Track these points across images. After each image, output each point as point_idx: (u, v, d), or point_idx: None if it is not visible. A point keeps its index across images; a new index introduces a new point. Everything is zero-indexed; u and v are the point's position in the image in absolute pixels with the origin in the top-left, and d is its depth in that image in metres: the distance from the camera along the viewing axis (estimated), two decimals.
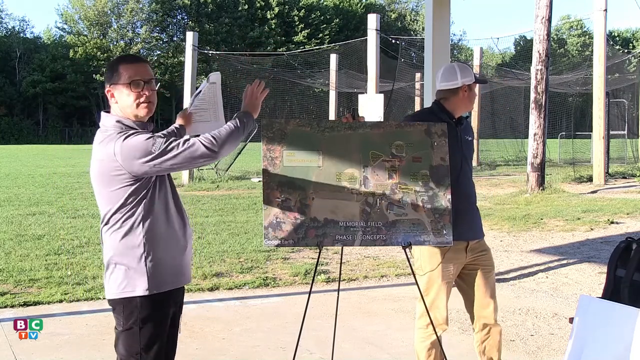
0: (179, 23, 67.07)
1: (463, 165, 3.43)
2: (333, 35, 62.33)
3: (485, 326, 3.50)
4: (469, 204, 3.44)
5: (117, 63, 2.61)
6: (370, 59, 17.27)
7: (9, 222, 10.35)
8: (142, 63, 2.63)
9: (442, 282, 3.41)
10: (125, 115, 2.58)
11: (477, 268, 3.48)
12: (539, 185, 14.54)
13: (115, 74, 2.57)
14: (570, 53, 69.68)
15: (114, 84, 2.57)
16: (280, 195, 3.15)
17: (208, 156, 2.49)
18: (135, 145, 2.45)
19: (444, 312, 3.44)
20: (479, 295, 3.48)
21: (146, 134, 2.51)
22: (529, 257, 7.98)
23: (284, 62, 28.79)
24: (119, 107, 2.59)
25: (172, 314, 2.70)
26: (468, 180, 3.48)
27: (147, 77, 2.58)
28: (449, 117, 3.43)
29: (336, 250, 6.95)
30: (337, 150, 3.25)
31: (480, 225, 3.56)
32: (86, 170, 15.17)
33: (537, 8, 14.68)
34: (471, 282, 3.49)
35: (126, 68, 2.56)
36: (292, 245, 3.26)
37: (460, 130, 3.45)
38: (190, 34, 19.88)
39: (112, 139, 2.49)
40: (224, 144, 2.51)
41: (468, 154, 3.51)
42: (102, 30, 63.26)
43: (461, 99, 3.45)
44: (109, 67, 2.63)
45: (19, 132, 57.11)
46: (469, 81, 3.43)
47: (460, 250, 3.40)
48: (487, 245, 3.58)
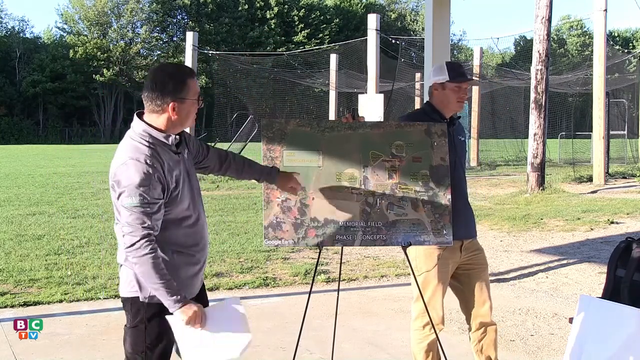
0: (179, 23, 67.11)
1: (457, 165, 3.44)
2: (333, 35, 62.33)
3: (482, 325, 3.50)
4: (462, 203, 3.45)
5: (183, 76, 2.55)
6: (370, 59, 17.28)
7: (9, 222, 10.35)
8: (195, 77, 2.62)
9: (439, 282, 3.41)
10: (164, 125, 2.54)
11: (471, 267, 3.49)
12: (539, 185, 14.54)
13: (184, 87, 2.53)
14: (570, 53, 69.69)
15: (182, 98, 2.52)
16: (281, 195, 3.15)
17: (130, 250, 2.43)
18: (128, 176, 2.42)
19: (440, 312, 3.45)
20: (474, 295, 3.48)
21: (145, 178, 2.42)
22: (529, 257, 7.97)
23: (284, 62, 28.81)
24: (169, 118, 2.53)
25: None
26: (461, 180, 3.49)
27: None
28: (440, 117, 3.43)
29: (336, 250, 6.95)
30: (337, 150, 3.25)
31: (474, 224, 3.57)
32: (86, 170, 15.20)
33: (537, 8, 14.68)
34: (466, 281, 3.50)
35: (194, 83, 2.56)
36: (292, 245, 3.26)
37: (452, 130, 3.45)
38: (190, 34, 19.89)
39: (126, 152, 2.48)
40: (141, 268, 2.43)
41: (462, 153, 3.53)
42: (102, 30, 63.26)
43: (440, 96, 3.43)
44: (170, 79, 2.52)
45: (19, 132, 57.09)
46: (441, 80, 3.41)
47: (455, 249, 3.41)
48: (480, 244, 3.59)
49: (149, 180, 2.43)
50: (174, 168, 2.54)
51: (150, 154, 2.47)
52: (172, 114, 2.52)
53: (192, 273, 2.67)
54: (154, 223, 2.45)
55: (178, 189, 2.55)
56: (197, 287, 2.73)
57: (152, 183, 2.44)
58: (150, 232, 2.44)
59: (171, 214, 2.55)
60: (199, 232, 2.66)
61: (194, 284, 2.70)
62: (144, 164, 2.43)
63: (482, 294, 3.48)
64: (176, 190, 2.54)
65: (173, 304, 2.45)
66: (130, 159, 2.45)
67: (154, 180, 2.44)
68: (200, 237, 2.67)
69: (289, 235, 3.16)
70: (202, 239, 2.68)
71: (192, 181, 2.66)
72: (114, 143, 56.61)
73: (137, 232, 2.41)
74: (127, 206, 2.42)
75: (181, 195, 2.57)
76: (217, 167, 2.98)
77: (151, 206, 2.44)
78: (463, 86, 3.42)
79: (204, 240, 2.70)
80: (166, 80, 2.52)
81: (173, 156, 2.56)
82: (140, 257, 2.41)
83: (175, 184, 2.53)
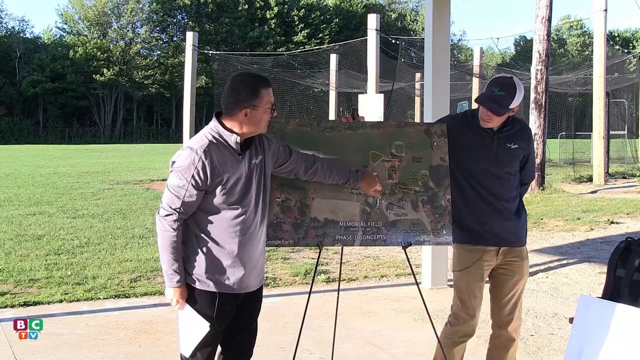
0: (179, 23, 67.11)
1: (500, 172, 3.32)
2: (333, 35, 62.31)
3: (500, 334, 3.46)
4: (504, 209, 3.34)
5: (257, 85, 2.74)
6: (370, 59, 17.28)
7: (9, 222, 10.35)
8: (271, 88, 2.80)
9: (471, 282, 3.34)
10: (236, 127, 2.73)
11: (504, 273, 3.40)
12: (539, 185, 14.55)
13: (258, 97, 2.72)
14: (570, 53, 69.66)
15: (255, 106, 2.72)
16: (281, 195, 3.15)
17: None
18: (180, 160, 2.69)
19: (472, 311, 3.36)
20: (500, 301, 3.43)
21: (190, 166, 2.65)
22: (529, 257, 7.96)
23: (284, 62, 28.79)
24: (241, 122, 2.73)
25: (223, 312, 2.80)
26: (503, 187, 3.35)
27: (273, 99, 2.79)
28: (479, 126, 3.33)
29: (336, 250, 6.95)
30: (337, 150, 3.25)
31: (518, 231, 3.44)
32: (86, 170, 15.18)
33: (537, 8, 14.69)
34: (496, 286, 3.43)
35: (268, 93, 2.75)
36: (292, 245, 3.26)
37: (497, 138, 3.31)
38: (190, 34, 19.89)
39: (191, 142, 2.76)
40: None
41: (509, 161, 3.35)
42: (102, 31, 63.26)
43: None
44: (246, 87, 2.73)
45: (19, 132, 57.09)
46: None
47: (492, 252, 3.34)
48: (527, 253, 3.47)
49: (194, 168, 2.65)
50: (229, 166, 2.71)
51: (207, 147, 2.68)
52: (244, 119, 2.72)
53: (227, 263, 2.75)
54: (185, 207, 2.68)
55: (227, 185, 2.71)
56: (242, 279, 2.79)
57: (198, 172, 2.65)
58: (179, 213, 2.67)
59: (212, 203, 2.71)
60: (240, 229, 2.75)
61: (235, 274, 2.77)
62: (195, 153, 2.66)
63: (508, 302, 3.41)
64: (224, 186, 2.70)
65: (168, 281, 2.73)
66: (189, 147, 2.71)
67: (199, 170, 2.65)
68: (240, 233, 2.75)
69: (289, 235, 3.16)
70: (242, 236, 2.76)
71: (254, 183, 2.79)
72: (114, 143, 56.68)
73: (168, 209, 2.68)
74: (168, 184, 2.70)
75: (229, 191, 2.71)
76: (302, 172, 3.10)
77: (188, 192, 2.66)
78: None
79: (245, 238, 2.77)
80: (242, 88, 2.73)
81: (234, 156, 2.73)
82: (162, 230, 2.69)
83: (226, 180, 2.70)
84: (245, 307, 2.89)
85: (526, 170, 3.47)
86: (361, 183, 3.18)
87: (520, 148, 3.37)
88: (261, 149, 2.85)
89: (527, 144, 3.42)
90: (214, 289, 2.74)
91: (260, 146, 2.85)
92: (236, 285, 2.78)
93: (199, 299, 2.74)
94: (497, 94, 3.21)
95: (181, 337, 2.82)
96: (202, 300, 2.74)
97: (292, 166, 3.05)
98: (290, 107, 31.94)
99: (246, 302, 2.88)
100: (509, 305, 3.43)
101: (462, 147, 3.34)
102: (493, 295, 3.47)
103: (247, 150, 2.78)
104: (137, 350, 4.62)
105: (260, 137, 2.86)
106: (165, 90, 62.80)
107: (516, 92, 3.24)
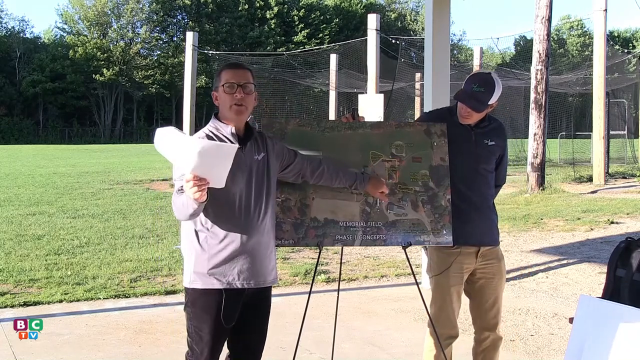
0: (179, 23, 67.14)
1: (479, 168, 3.33)
2: (333, 35, 62.33)
3: (487, 335, 3.44)
4: (482, 207, 3.33)
5: (221, 70, 2.79)
6: (370, 59, 17.27)
7: (9, 222, 10.35)
8: (241, 69, 2.77)
9: (451, 285, 3.31)
10: (225, 119, 2.76)
11: (484, 276, 3.36)
12: (539, 185, 14.55)
13: (217, 78, 2.77)
14: (570, 53, 69.68)
15: (216, 88, 2.77)
16: (281, 195, 3.15)
17: None
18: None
19: (451, 316, 3.35)
20: (483, 304, 3.39)
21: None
22: (529, 257, 7.98)
23: (283, 62, 28.77)
24: (220, 111, 2.79)
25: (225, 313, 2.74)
26: (482, 184, 3.35)
27: (242, 81, 2.71)
28: (459, 121, 3.33)
29: (336, 250, 6.95)
30: (337, 150, 3.25)
31: (495, 232, 3.41)
32: (86, 170, 15.17)
33: (537, 8, 14.69)
34: (478, 289, 3.39)
35: (226, 72, 2.74)
36: (292, 245, 3.26)
37: (475, 134, 3.32)
38: (190, 34, 19.87)
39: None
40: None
41: (487, 158, 3.36)
42: (102, 31, 63.28)
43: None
44: (216, 74, 2.82)
45: (19, 132, 57.10)
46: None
47: (471, 254, 3.30)
48: (502, 253, 3.45)
49: None
50: None
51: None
52: (218, 106, 2.79)
53: (229, 256, 2.70)
54: None
55: None
56: (245, 272, 2.74)
57: None
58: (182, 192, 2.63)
59: (211, 195, 2.59)
60: (241, 222, 2.71)
61: (237, 267, 2.72)
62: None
63: (492, 305, 3.39)
64: None
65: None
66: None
67: None
68: (241, 226, 2.71)
69: (289, 235, 3.16)
70: (244, 229, 2.71)
71: (254, 177, 2.75)
72: (113, 143, 56.68)
73: (175, 189, 2.63)
74: (173, 176, 2.73)
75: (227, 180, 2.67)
76: (308, 174, 3.08)
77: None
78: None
79: (246, 230, 2.72)
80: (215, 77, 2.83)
81: None
82: (173, 202, 2.65)
83: None
84: (255, 307, 2.86)
85: (499, 171, 3.47)
86: (367, 186, 3.16)
87: (497, 145, 3.38)
88: (264, 147, 2.84)
89: (502, 142, 3.44)
90: (218, 285, 2.71)
91: (262, 144, 2.84)
92: (240, 279, 2.74)
93: (204, 299, 2.71)
94: (477, 90, 3.20)
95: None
96: (208, 300, 2.71)
97: (298, 168, 3.02)
98: (290, 107, 31.95)
99: (256, 301, 2.84)
100: (494, 309, 3.40)
101: None
102: (476, 302, 3.43)
103: (248, 143, 2.76)
104: (137, 350, 4.62)
105: (263, 137, 2.86)
106: (165, 90, 62.80)
107: (495, 88, 3.22)
